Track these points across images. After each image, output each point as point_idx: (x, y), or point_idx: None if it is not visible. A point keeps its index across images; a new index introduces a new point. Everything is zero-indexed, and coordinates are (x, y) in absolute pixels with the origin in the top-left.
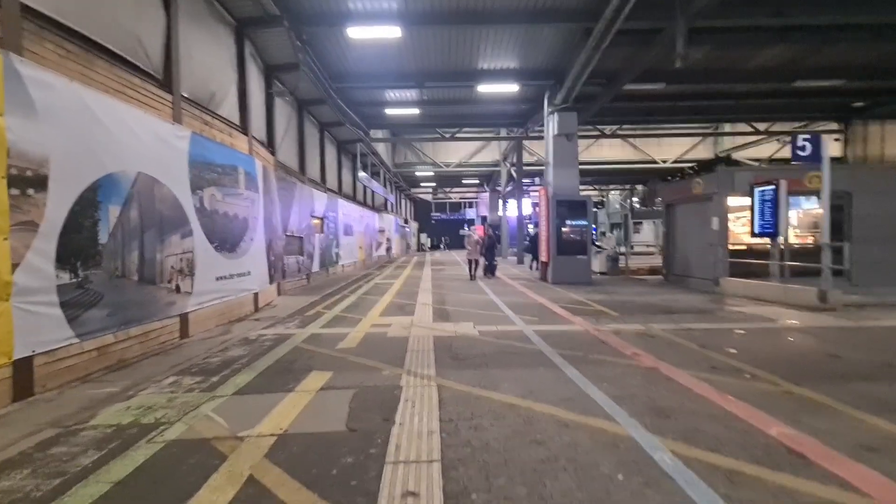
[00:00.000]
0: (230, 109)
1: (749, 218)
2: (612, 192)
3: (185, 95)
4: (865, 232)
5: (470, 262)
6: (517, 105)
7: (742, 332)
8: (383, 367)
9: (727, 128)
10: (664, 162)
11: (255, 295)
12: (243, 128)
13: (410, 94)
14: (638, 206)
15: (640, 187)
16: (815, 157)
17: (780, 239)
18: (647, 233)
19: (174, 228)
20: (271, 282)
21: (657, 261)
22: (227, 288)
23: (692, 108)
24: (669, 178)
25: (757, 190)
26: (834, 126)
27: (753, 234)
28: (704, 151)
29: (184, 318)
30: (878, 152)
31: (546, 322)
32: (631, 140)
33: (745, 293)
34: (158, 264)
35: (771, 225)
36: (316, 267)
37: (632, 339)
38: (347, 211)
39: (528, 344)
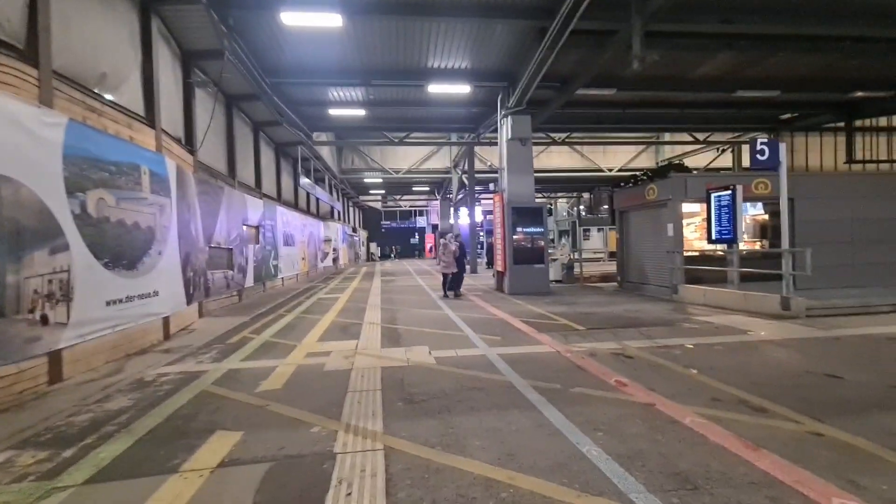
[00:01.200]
0: (131, 97)
1: (704, 224)
2: (560, 199)
3: (59, 72)
4: (805, 237)
5: (445, 276)
6: (469, 109)
7: (720, 347)
8: (313, 420)
9: (667, 137)
10: (610, 170)
11: (166, 320)
12: (149, 120)
13: (356, 93)
14: (584, 213)
15: (586, 195)
16: (774, 161)
17: (740, 245)
18: (596, 240)
19: (39, 242)
20: (190, 302)
21: (607, 268)
22: (124, 314)
23: (638, 116)
24: (623, 184)
25: (714, 195)
26: (764, 137)
27: (711, 241)
28: (647, 160)
29: (55, 356)
30: (803, 162)
31: (511, 342)
32: (578, 148)
33: (705, 301)
34: (12, 289)
35: (728, 231)
36: (249, 282)
37: (610, 363)
38: (288, 219)
39: (494, 374)
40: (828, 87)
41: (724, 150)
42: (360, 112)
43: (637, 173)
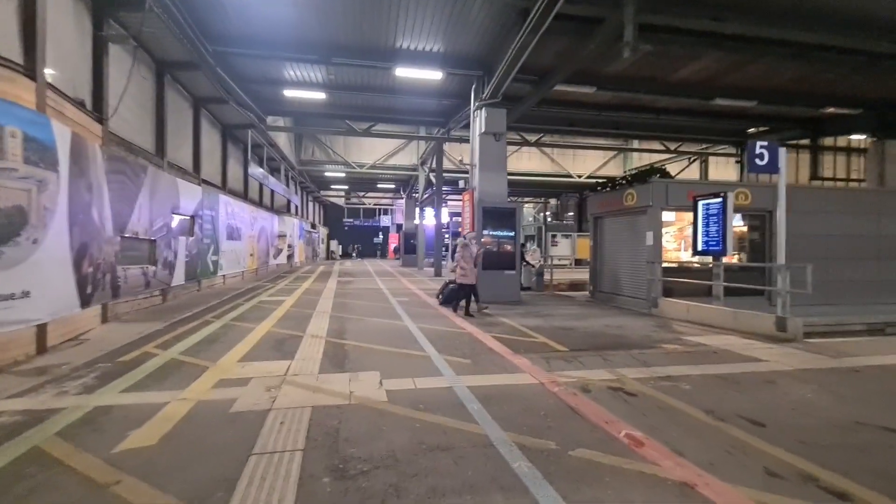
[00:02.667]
0: None
1: (681, 234)
2: (527, 204)
3: None
4: (789, 251)
5: (459, 287)
6: (439, 100)
7: (734, 381)
8: None
9: (636, 145)
10: (579, 176)
11: (42, 328)
12: (27, 68)
13: (315, 73)
14: (550, 219)
15: (553, 201)
16: (773, 166)
17: (728, 257)
18: (564, 246)
19: None
20: (86, 304)
21: (575, 275)
22: None
23: (612, 120)
24: (599, 188)
25: (701, 203)
26: (732, 150)
27: (696, 252)
28: (615, 168)
29: None
30: (767, 177)
31: (483, 367)
32: (548, 152)
33: (689, 318)
34: None
35: (717, 241)
36: (179, 279)
37: (610, 402)
38: (234, 210)
39: (465, 421)
40: (800, 100)
41: (694, 160)
42: (321, 95)
43: (615, 177)
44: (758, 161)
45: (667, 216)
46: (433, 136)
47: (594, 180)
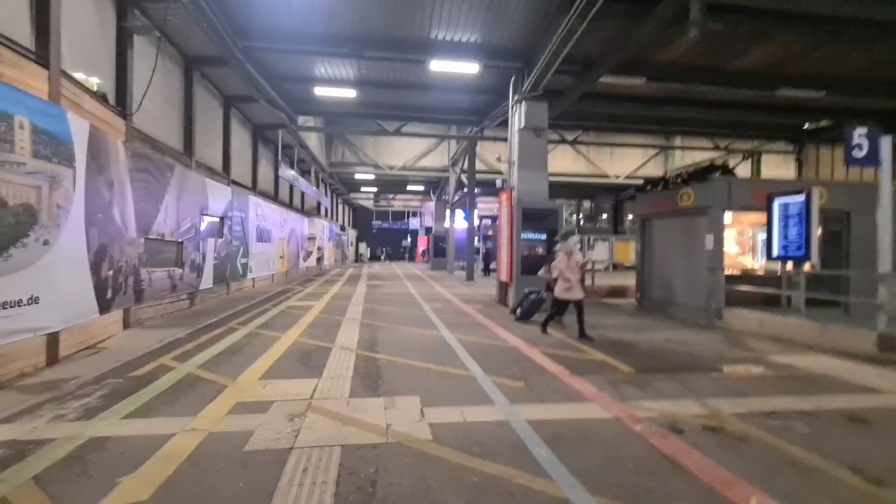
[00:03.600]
0: (7, 15)
1: (741, 238)
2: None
3: None
4: (863, 256)
5: (559, 303)
6: (474, 96)
7: (863, 422)
8: None
9: (679, 143)
10: (616, 177)
11: (54, 337)
12: (40, 55)
13: (346, 69)
14: (583, 222)
15: (586, 203)
16: (873, 158)
17: (811, 264)
18: (601, 250)
19: None
20: (106, 310)
21: (614, 280)
22: None
23: (658, 116)
24: (649, 187)
25: (779, 202)
26: (789, 147)
27: (772, 258)
28: (655, 168)
29: None
30: (829, 176)
31: (540, 394)
32: (584, 151)
33: (762, 331)
34: None
35: (799, 245)
36: (207, 282)
37: (714, 451)
38: (264, 212)
39: (535, 476)
40: (873, 90)
41: (745, 159)
42: (351, 93)
43: (666, 176)
44: (856, 152)
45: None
46: (466, 136)
47: (633, 181)
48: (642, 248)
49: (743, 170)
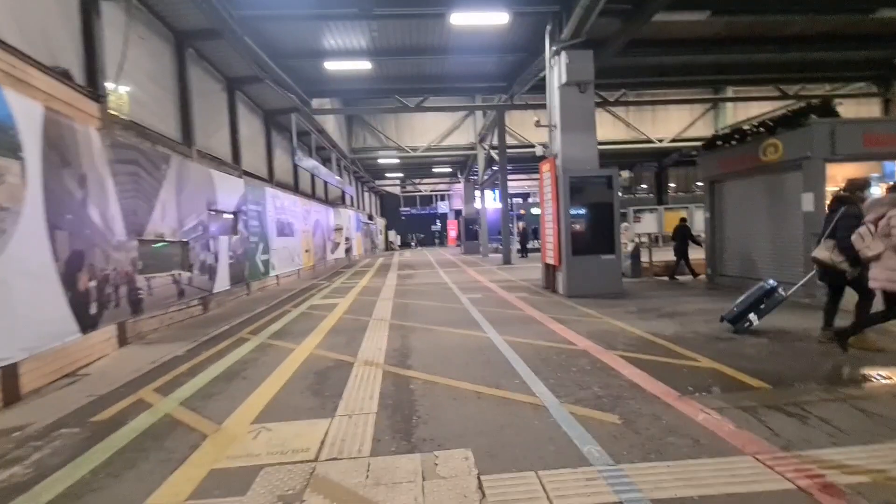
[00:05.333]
0: None
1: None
2: None
3: None
4: None
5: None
6: (502, 56)
7: None
8: None
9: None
10: (660, 141)
11: (11, 370)
12: None
13: (357, 37)
14: (621, 193)
15: (624, 173)
16: None
17: None
18: (649, 222)
19: None
20: (90, 327)
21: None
22: None
23: (714, 63)
24: (720, 142)
25: None
26: (871, 89)
27: None
28: (704, 128)
29: None
30: None
31: (654, 440)
32: (623, 115)
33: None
34: None
35: None
36: (223, 284)
37: None
38: (284, 204)
39: None
40: None
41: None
42: (365, 65)
43: (741, 126)
44: None
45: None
46: (494, 105)
47: (679, 144)
48: (711, 216)
49: None
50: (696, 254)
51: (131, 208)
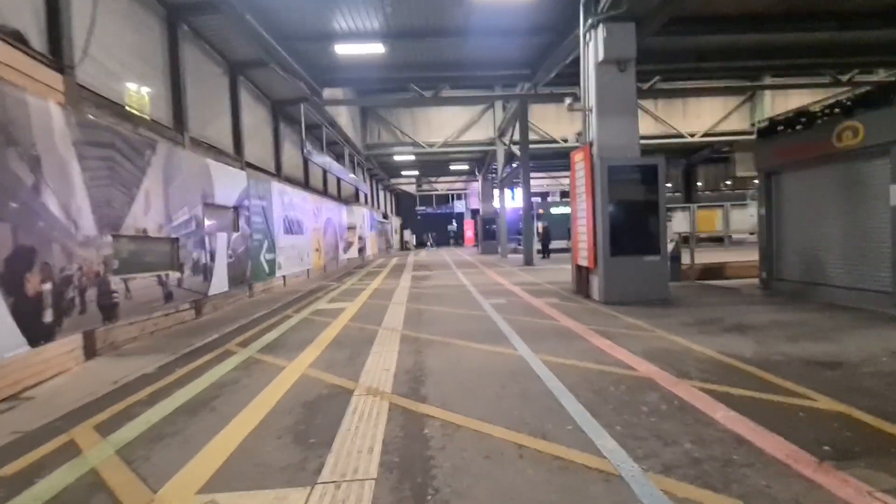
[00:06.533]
0: None
1: None
2: None
3: None
4: None
5: None
6: (526, 38)
7: None
8: None
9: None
10: (691, 136)
11: None
12: None
13: (369, 17)
14: None
15: None
16: None
17: None
18: (680, 221)
19: None
20: (42, 339)
21: (704, 256)
22: None
23: (761, 45)
24: (781, 127)
25: None
26: None
27: None
28: (739, 121)
29: None
30: None
31: None
32: (652, 108)
33: None
34: None
35: None
36: (220, 285)
37: None
38: (293, 200)
39: None
40: None
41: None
42: (378, 48)
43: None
44: None
45: None
46: (517, 94)
47: (711, 139)
48: (767, 213)
49: None
50: (738, 255)
51: (104, 199)
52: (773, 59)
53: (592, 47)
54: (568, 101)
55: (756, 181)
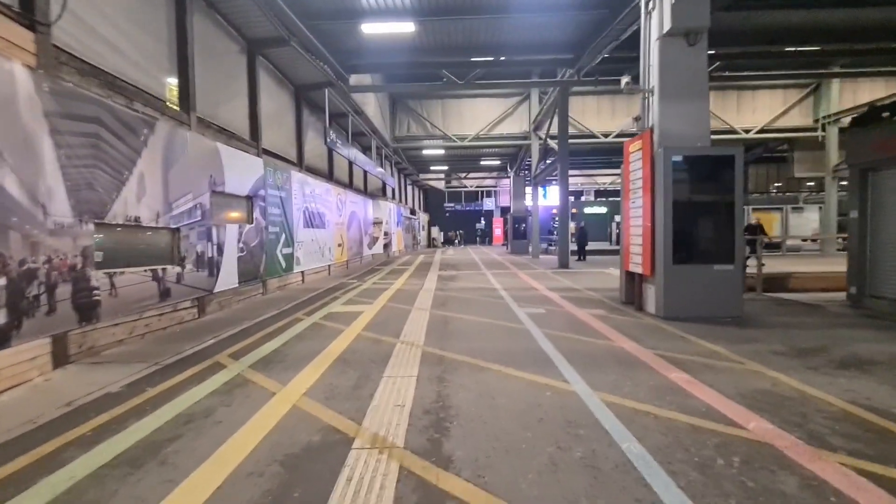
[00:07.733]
0: None
1: None
2: None
3: None
4: None
5: None
6: (575, 14)
7: None
8: None
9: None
10: (746, 131)
11: None
12: None
13: None
14: None
15: None
16: None
17: None
18: None
19: None
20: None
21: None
22: None
23: (841, 26)
24: (887, 113)
25: None
26: None
27: None
28: (801, 116)
29: None
30: None
31: None
32: None
33: None
34: None
35: None
36: (229, 281)
37: None
38: (315, 192)
39: None
40: None
41: None
42: (408, 27)
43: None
44: None
45: None
46: (558, 80)
47: (767, 136)
48: (860, 215)
49: None
50: (799, 264)
51: (85, 181)
52: (852, 42)
53: (656, 17)
54: (625, 80)
55: (811, 183)
